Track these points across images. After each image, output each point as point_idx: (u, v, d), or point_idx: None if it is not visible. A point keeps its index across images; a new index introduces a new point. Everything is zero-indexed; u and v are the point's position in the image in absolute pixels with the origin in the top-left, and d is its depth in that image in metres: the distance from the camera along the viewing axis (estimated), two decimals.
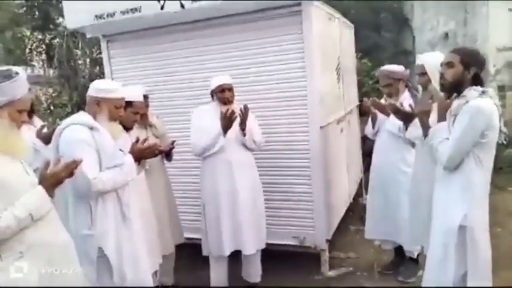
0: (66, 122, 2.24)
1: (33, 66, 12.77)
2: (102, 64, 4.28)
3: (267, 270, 3.47)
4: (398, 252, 3.56)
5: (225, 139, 3.12)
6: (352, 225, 4.66)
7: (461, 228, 2.10)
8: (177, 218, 3.51)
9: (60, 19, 10.45)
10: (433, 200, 2.35)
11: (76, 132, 2.17)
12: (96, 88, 2.32)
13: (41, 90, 10.69)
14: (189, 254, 3.70)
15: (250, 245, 3.21)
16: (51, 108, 10.14)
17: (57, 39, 10.60)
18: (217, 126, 3.09)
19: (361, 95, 6.16)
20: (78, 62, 10.60)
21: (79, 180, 2.04)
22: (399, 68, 3.41)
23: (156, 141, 2.61)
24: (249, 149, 3.27)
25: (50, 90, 10.64)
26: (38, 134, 2.82)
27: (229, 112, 3.03)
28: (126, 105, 2.73)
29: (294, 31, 3.40)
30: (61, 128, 2.21)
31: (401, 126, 3.08)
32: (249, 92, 3.57)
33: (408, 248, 3.40)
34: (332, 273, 3.64)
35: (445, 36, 8.01)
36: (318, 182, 3.52)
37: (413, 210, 2.96)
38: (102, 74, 4.26)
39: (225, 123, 3.06)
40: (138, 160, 2.39)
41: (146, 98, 3.20)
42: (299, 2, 3.31)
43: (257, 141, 3.26)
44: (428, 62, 2.88)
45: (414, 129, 2.78)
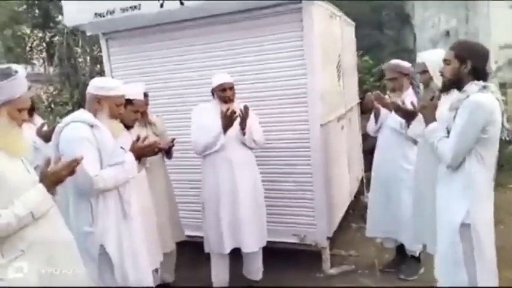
0: (67, 120, 2.24)
1: (34, 64, 12.78)
2: (103, 62, 4.28)
3: (268, 268, 3.46)
4: (400, 250, 3.55)
5: (226, 137, 3.11)
6: (353, 223, 4.65)
7: (464, 226, 2.08)
8: (178, 216, 3.51)
9: (60, 17, 10.43)
10: (436, 198, 2.34)
11: (77, 130, 2.17)
12: (96, 86, 2.32)
13: (41, 88, 10.69)
14: (191, 252, 3.70)
15: (251, 242, 3.21)
16: (52, 106, 10.14)
17: (57, 37, 10.60)
18: (218, 124, 3.08)
19: (362, 92, 6.15)
20: (79, 60, 10.60)
21: (80, 177, 2.04)
22: (407, 64, 3.39)
23: (156, 139, 2.61)
24: (249, 147, 3.27)
25: (51, 89, 10.65)
26: (38, 132, 2.82)
27: (230, 111, 3.02)
28: (127, 103, 2.73)
29: (294, 29, 3.39)
30: (61, 126, 2.21)
31: (403, 123, 3.07)
32: (249, 90, 3.56)
33: (409, 247, 3.39)
34: (333, 271, 3.64)
35: (447, 34, 7.98)
36: (318, 180, 3.51)
37: (416, 207, 2.95)
38: (103, 71, 4.26)
39: (226, 122, 3.06)
40: (139, 158, 2.38)
41: (146, 96, 3.20)
42: (299, 0, 3.29)
43: (257, 141, 3.25)
44: (430, 59, 2.86)
45: (416, 126, 2.77)
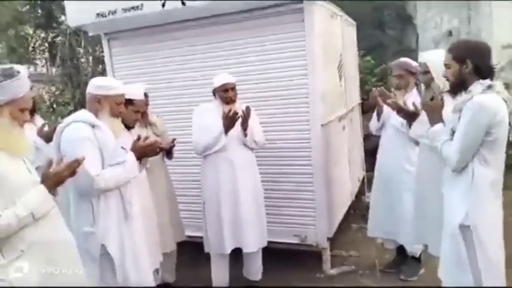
0: (68, 120, 2.24)
1: (36, 64, 12.81)
2: (105, 62, 4.29)
3: (268, 268, 3.47)
4: (401, 251, 3.54)
5: (227, 138, 3.12)
6: (354, 223, 4.65)
7: (464, 227, 2.05)
8: (178, 216, 3.51)
9: (63, 17, 10.45)
10: (443, 199, 2.29)
11: (78, 130, 2.18)
12: (95, 85, 2.32)
13: (43, 88, 10.72)
14: (191, 252, 3.71)
15: (251, 243, 3.21)
16: (54, 106, 10.17)
17: (60, 38, 10.62)
18: (219, 125, 3.09)
19: (364, 93, 6.14)
20: (81, 60, 10.63)
21: (82, 177, 2.04)
22: (415, 63, 3.36)
23: (157, 139, 2.61)
24: (250, 147, 3.27)
25: (53, 89, 10.68)
26: (39, 132, 2.83)
27: (231, 112, 3.03)
28: (127, 103, 2.74)
29: (295, 29, 3.39)
30: (62, 126, 2.22)
31: (404, 123, 3.06)
32: (250, 90, 3.56)
33: (410, 249, 3.38)
34: (333, 271, 3.63)
35: (449, 34, 7.97)
36: (319, 180, 3.51)
37: (418, 208, 2.94)
38: (105, 72, 4.27)
39: (228, 123, 3.06)
40: (140, 158, 2.39)
41: (146, 96, 3.20)
42: (301, 0, 3.29)
43: (258, 141, 3.25)
44: (431, 60, 2.84)
45: (418, 127, 2.76)
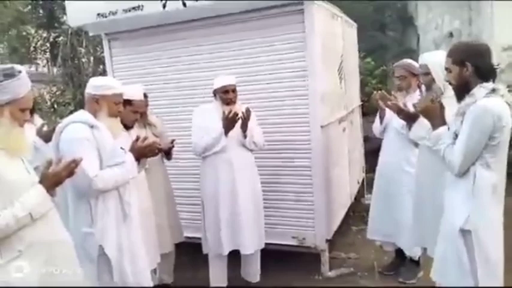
0: (67, 120, 2.24)
1: (38, 64, 12.83)
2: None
3: (267, 270, 3.46)
4: (400, 253, 3.53)
5: (227, 139, 3.11)
6: (353, 225, 4.64)
7: (464, 231, 2.04)
8: (177, 217, 3.51)
9: (64, 17, 10.46)
10: (444, 202, 2.27)
11: (76, 130, 2.18)
12: (94, 86, 2.33)
13: (45, 88, 10.74)
14: (190, 253, 3.70)
15: (249, 244, 3.21)
16: (55, 106, 10.19)
17: (61, 38, 10.63)
18: (219, 126, 3.09)
19: (364, 94, 6.14)
20: (82, 60, 10.64)
21: (80, 178, 2.04)
22: (417, 64, 3.34)
23: (156, 140, 2.61)
24: (249, 149, 3.27)
25: (54, 89, 10.69)
26: (39, 132, 2.83)
27: (232, 113, 3.02)
28: (126, 104, 2.74)
29: (295, 30, 3.39)
30: (61, 127, 2.22)
31: (404, 124, 3.05)
32: (249, 91, 3.55)
33: (409, 252, 3.37)
34: (332, 273, 3.63)
35: (450, 35, 7.96)
36: (318, 182, 3.51)
37: (417, 211, 2.94)
38: (106, 72, 4.27)
39: (227, 124, 3.06)
40: (139, 158, 2.39)
41: (145, 97, 3.20)
42: (301, 1, 3.29)
43: (257, 143, 3.25)
44: (432, 61, 2.83)
45: (418, 129, 2.75)
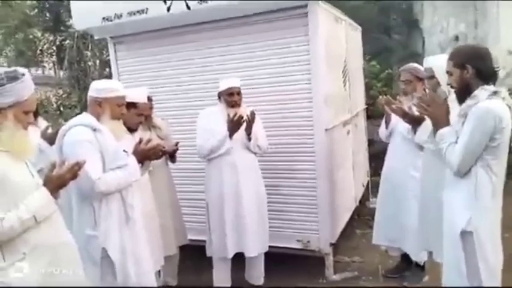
0: (70, 123, 2.25)
1: (44, 67, 12.92)
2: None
3: (271, 273, 3.46)
4: (405, 258, 3.51)
5: (231, 142, 3.12)
6: (358, 229, 4.62)
7: (466, 233, 2.05)
8: (181, 220, 3.51)
9: (70, 21, 10.55)
10: (443, 205, 2.29)
11: (79, 133, 2.18)
12: (96, 89, 2.34)
13: (51, 91, 10.83)
14: (194, 256, 3.70)
15: (253, 247, 3.20)
16: (61, 109, 10.26)
17: (67, 41, 10.71)
18: (224, 128, 3.10)
19: (369, 98, 6.13)
20: (88, 63, 10.71)
21: (83, 181, 2.05)
22: (422, 68, 3.32)
23: (159, 142, 2.61)
24: (253, 152, 3.27)
25: (60, 92, 10.77)
26: (43, 135, 2.84)
27: (236, 116, 3.03)
28: (130, 106, 2.75)
29: (299, 33, 3.39)
30: (65, 129, 2.23)
31: (409, 128, 3.04)
32: (253, 94, 3.55)
33: (415, 258, 3.34)
34: (336, 277, 3.61)
35: (456, 38, 7.93)
36: (322, 185, 3.50)
37: (422, 215, 2.92)
38: (112, 75, 4.29)
39: (232, 127, 3.07)
40: (142, 161, 2.39)
41: (150, 99, 3.21)
42: (305, 4, 3.29)
43: (261, 146, 3.26)
44: (437, 64, 2.80)
45: (423, 133, 2.74)
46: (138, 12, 3.56)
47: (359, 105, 5.13)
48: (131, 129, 2.84)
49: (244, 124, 3.09)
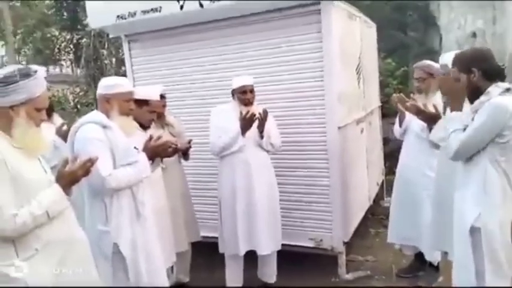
0: (81, 121, 2.28)
1: (62, 65, 13.11)
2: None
3: (284, 271, 3.45)
4: (419, 257, 3.46)
5: (244, 139, 3.12)
6: (372, 228, 4.58)
7: (475, 229, 2.05)
8: (193, 217, 3.52)
9: (87, 19, 10.72)
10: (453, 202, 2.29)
11: (89, 130, 2.21)
12: (103, 86, 2.37)
13: (68, 89, 11.00)
14: (207, 252, 3.71)
15: (265, 245, 3.20)
16: (78, 106, 10.41)
17: (84, 39, 10.86)
18: (237, 126, 3.10)
19: (385, 95, 6.06)
20: (104, 61, 10.84)
21: (94, 177, 2.06)
22: (437, 65, 3.24)
23: (169, 139, 2.62)
24: (266, 149, 3.26)
25: (77, 89, 10.93)
26: (58, 132, 2.89)
27: (249, 114, 3.03)
28: (143, 104, 2.77)
29: (312, 30, 3.36)
30: (76, 127, 2.25)
31: (424, 126, 2.99)
32: (266, 92, 3.55)
33: (429, 257, 3.30)
34: (349, 276, 3.59)
35: (473, 35, 7.78)
36: (335, 183, 3.47)
37: (436, 214, 2.88)
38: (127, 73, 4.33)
39: (245, 124, 3.07)
40: (152, 158, 2.41)
41: (163, 97, 3.23)
42: (318, 1, 3.27)
43: (274, 144, 3.25)
44: None
45: (438, 130, 2.70)
46: (152, 10, 3.58)
47: (373, 103, 5.08)
48: (144, 126, 2.86)
49: (256, 122, 3.09)
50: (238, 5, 3.33)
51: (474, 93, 2.14)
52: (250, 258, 3.32)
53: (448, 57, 2.85)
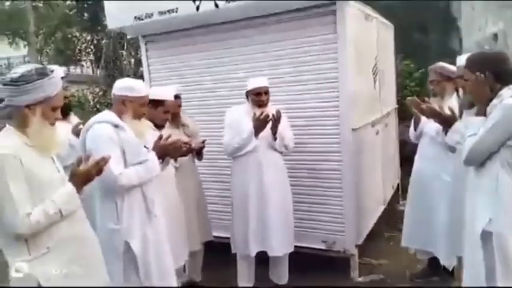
0: (93, 120, 2.31)
1: (82, 66, 13.34)
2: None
3: (295, 273, 3.44)
4: (433, 262, 3.41)
5: (257, 140, 3.13)
6: (386, 231, 4.52)
7: (486, 233, 2.01)
8: (206, 216, 3.54)
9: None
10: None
11: (101, 130, 2.24)
12: (120, 87, 2.39)
13: (88, 89, 11.19)
14: (219, 252, 3.72)
15: (277, 247, 3.20)
16: (97, 106, 10.57)
17: (104, 40, 11.03)
18: (250, 127, 3.10)
19: (403, 97, 5.97)
20: (124, 62, 10.99)
21: (105, 176, 2.07)
22: (453, 68, 3.16)
23: (181, 138, 2.65)
24: (279, 151, 3.26)
25: (97, 90, 11.12)
26: (74, 131, 2.94)
27: (263, 115, 3.03)
28: (158, 104, 2.81)
29: (327, 31, 3.34)
30: (88, 126, 2.29)
31: (439, 129, 2.94)
32: (280, 93, 3.54)
33: (444, 262, 3.24)
34: (362, 279, 3.55)
35: (494, 37, 7.61)
36: (349, 186, 3.45)
37: (452, 218, 2.84)
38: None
39: (258, 125, 3.07)
40: (161, 157, 2.43)
41: (179, 97, 3.26)
42: (334, 2, 3.25)
43: (288, 146, 3.25)
44: None
45: (454, 134, 2.65)
46: (169, 11, 3.62)
47: (390, 104, 5.02)
48: (158, 126, 2.89)
49: (270, 123, 3.09)
50: (253, 5, 3.33)
51: (486, 95, 2.10)
52: (262, 258, 3.32)
53: (465, 59, 2.82)
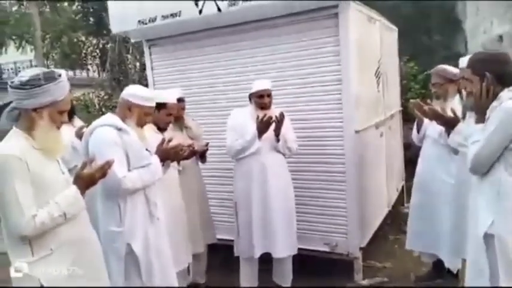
0: (95, 123, 2.32)
1: (88, 70, 13.43)
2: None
3: (299, 275, 3.43)
4: (437, 265, 3.39)
5: (260, 142, 3.13)
6: (390, 234, 4.50)
7: (488, 236, 1.99)
8: (210, 219, 3.55)
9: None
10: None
11: (104, 133, 2.25)
12: (130, 93, 2.40)
13: (93, 92, 11.26)
14: (223, 255, 3.73)
15: (281, 248, 3.20)
16: (103, 110, 10.63)
17: (109, 44, 11.10)
18: (253, 129, 3.11)
19: (406, 100, 5.95)
20: (129, 66, 11.05)
21: (109, 179, 2.08)
22: (454, 70, 3.17)
23: (183, 142, 2.66)
24: (282, 153, 3.26)
25: (102, 93, 11.18)
26: (77, 134, 2.97)
27: (266, 117, 3.04)
28: (160, 106, 2.82)
29: (330, 34, 3.35)
30: (90, 129, 2.30)
31: (442, 131, 2.93)
32: (283, 95, 3.55)
33: (449, 265, 3.22)
34: (366, 282, 3.53)
35: (499, 39, 7.57)
36: (352, 188, 3.44)
37: (456, 221, 2.83)
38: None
39: (261, 128, 3.08)
40: (163, 160, 2.44)
41: (182, 100, 3.28)
42: (336, 5, 3.26)
43: (291, 148, 3.25)
44: None
45: (456, 135, 2.64)
46: (172, 15, 3.64)
47: (394, 107, 5.01)
48: (161, 129, 2.91)
49: (273, 125, 3.10)
50: (255, 9, 3.34)
51: (486, 97, 2.08)
52: (266, 260, 3.32)
53: (467, 61, 2.81)
